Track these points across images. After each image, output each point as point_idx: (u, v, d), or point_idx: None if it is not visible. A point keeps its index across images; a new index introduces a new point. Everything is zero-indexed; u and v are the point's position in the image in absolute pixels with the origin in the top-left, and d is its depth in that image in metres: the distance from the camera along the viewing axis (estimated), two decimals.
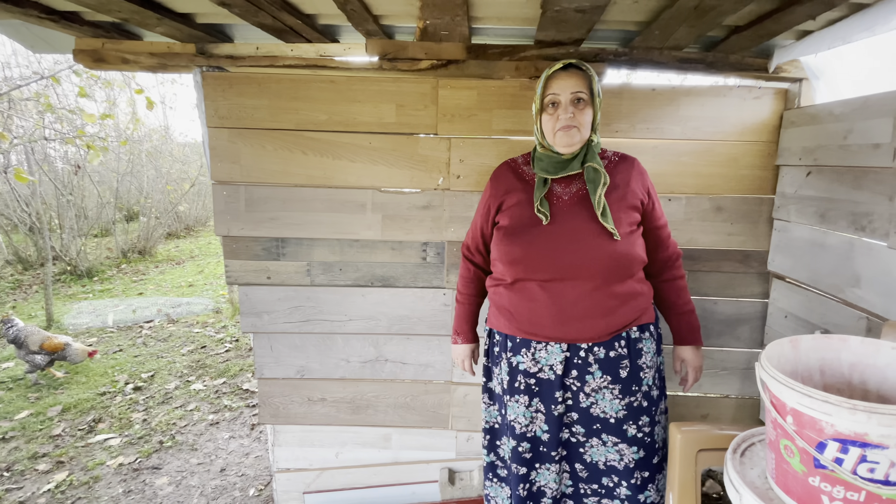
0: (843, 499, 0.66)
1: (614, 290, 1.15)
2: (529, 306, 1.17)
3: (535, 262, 1.15)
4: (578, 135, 1.14)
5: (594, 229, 1.13)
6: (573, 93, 1.12)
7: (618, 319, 1.16)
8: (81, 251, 6.39)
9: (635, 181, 1.22)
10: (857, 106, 1.27)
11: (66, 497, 2.03)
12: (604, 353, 1.17)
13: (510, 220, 1.21)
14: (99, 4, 1.20)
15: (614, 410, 1.19)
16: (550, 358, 1.18)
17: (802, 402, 0.66)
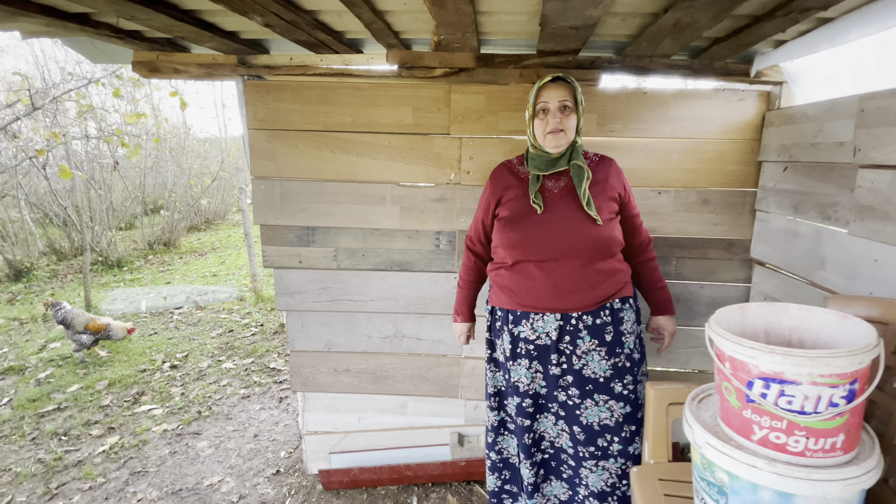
0: (769, 427, 0.84)
1: (599, 267, 1.35)
2: (528, 283, 1.37)
3: (531, 245, 1.35)
4: (565, 137, 1.34)
5: (581, 216, 1.34)
6: (560, 101, 1.33)
7: (602, 292, 1.36)
8: (112, 243, 6.74)
9: (613, 177, 1.42)
10: (825, 108, 1.42)
11: (119, 456, 2.29)
12: (591, 321, 1.36)
13: (509, 211, 1.41)
14: (164, 27, 1.42)
15: (602, 370, 1.38)
16: (547, 326, 1.38)
17: (735, 349, 0.84)
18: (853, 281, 1.30)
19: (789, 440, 0.81)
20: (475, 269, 1.60)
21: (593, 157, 1.47)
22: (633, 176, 1.78)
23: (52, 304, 3.36)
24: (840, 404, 0.78)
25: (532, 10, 1.28)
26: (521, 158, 1.50)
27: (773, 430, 0.82)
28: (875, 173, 1.22)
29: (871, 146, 1.23)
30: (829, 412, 0.78)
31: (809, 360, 0.76)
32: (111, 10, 1.31)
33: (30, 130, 4.39)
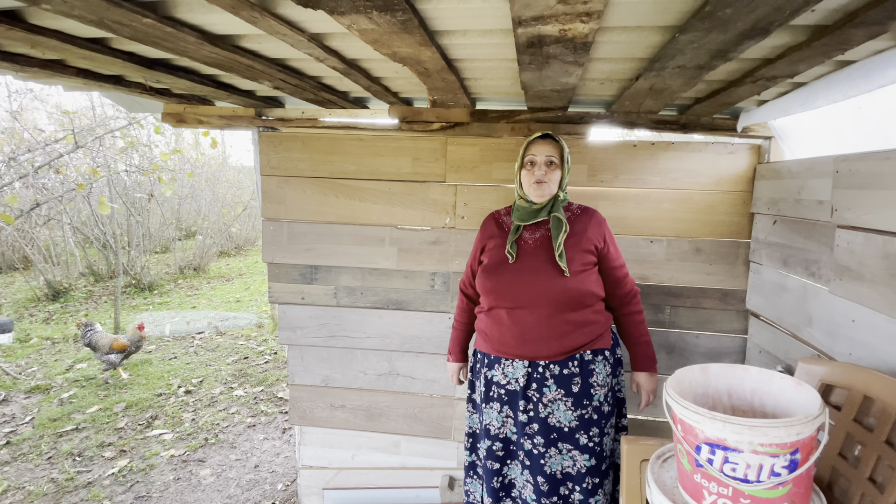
0: (717, 493, 0.85)
1: (567, 318, 1.37)
2: (499, 329, 1.42)
3: (502, 293, 1.41)
4: (548, 188, 1.43)
5: (550, 267, 1.39)
6: (547, 156, 1.43)
7: (570, 342, 1.38)
8: (145, 267, 7.11)
9: (592, 229, 1.46)
10: (807, 166, 1.45)
11: (126, 480, 2.38)
12: (558, 370, 1.39)
13: (488, 259, 1.49)
14: (187, 88, 1.59)
15: (567, 420, 1.38)
16: (515, 372, 1.41)
17: (683, 412, 0.86)
18: (835, 340, 1.29)
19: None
20: (467, 311, 1.65)
21: (576, 209, 1.52)
22: (624, 225, 1.82)
23: (84, 325, 3.58)
24: (782, 474, 0.79)
25: (513, 78, 1.38)
26: (509, 209, 1.58)
27: (720, 497, 0.83)
28: (850, 234, 1.23)
29: (845, 206, 1.25)
30: (772, 481, 0.79)
31: (748, 428, 0.78)
32: (139, 75, 1.49)
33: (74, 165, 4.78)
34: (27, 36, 1.05)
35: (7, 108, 5.88)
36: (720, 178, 1.78)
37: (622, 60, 1.18)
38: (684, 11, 0.86)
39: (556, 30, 0.88)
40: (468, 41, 1.07)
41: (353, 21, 0.88)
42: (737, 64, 1.16)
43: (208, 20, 1.01)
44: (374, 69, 1.38)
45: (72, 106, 8.44)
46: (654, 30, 0.97)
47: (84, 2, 0.82)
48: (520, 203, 1.48)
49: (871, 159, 1.17)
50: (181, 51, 1.13)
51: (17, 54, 1.31)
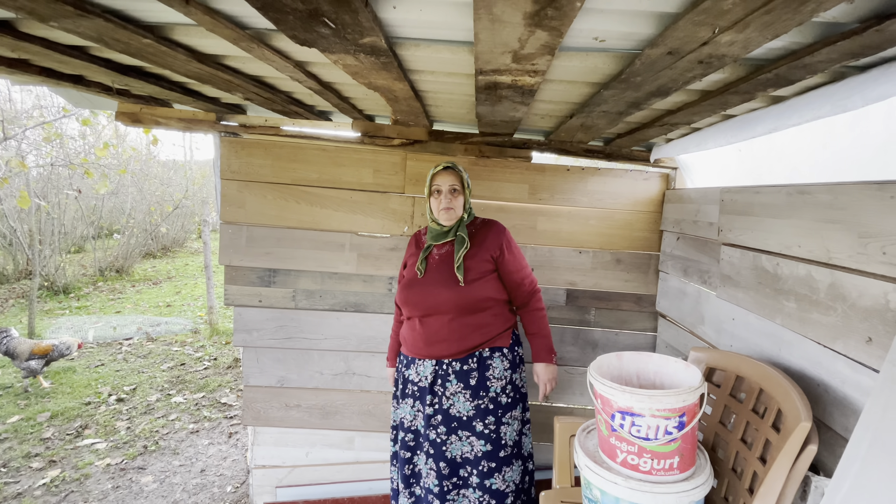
0: (627, 451, 1.08)
1: (465, 322, 1.57)
2: (413, 334, 1.62)
3: (413, 304, 1.61)
4: (454, 213, 1.62)
5: (450, 280, 1.57)
6: (450, 185, 1.61)
7: (469, 342, 1.57)
8: (60, 268, 6.51)
9: (490, 240, 1.64)
10: (701, 193, 1.78)
11: (60, 490, 2.27)
12: (459, 367, 1.57)
13: (405, 275, 1.69)
14: (154, 92, 1.62)
15: (466, 410, 1.56)
16: (425, 370, 1.60)
17: (602, 388, 1.09)
18: (720, 335, 1.61)
19: (640, 461, 1.05)
20: (400, 322, 1.80)
21: (479, 223, 1.70)
22: (557, 237, 2.08)
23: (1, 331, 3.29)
24: (673, 432, 1.03)
25: (469, 108, 1.58)
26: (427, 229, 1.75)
27: (629, 454, 1.07)
28: (731, 250, 1.55)
29: (728, 228, 1.57)
30: (666, 438, 1.03)
31: (648, 397, 1.02)
32: (107, 78, 1.51)
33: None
34: (14, 42, 1.08)
35: None
36: (637, 200, 2.09)
37: (559, 102, 1.42)
38: (607, 74, 1.10)
39: (509, 79, 1.09)
40: (435, 79, 1.25)
41: (341, 58, 1.03)
42: (647, 112, 1.44)
43: (200, 43, 1.11)
44: (346, 90, 1.52)
45: None
46: (584, 84, 1.21)
47: (92, 23, 0.91)
48: (432, 226, 1.67)
49: (746, 192, 1.50)
50: (167, 64, 1.21)
51: None
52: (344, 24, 0.82)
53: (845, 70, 1.03)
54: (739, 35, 0.78)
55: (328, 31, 0.86)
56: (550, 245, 2.09)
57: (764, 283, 1.36)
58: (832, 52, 0.87)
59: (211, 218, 5.54)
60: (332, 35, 0.88)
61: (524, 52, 0.90)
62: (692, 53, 0.89)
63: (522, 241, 2.08)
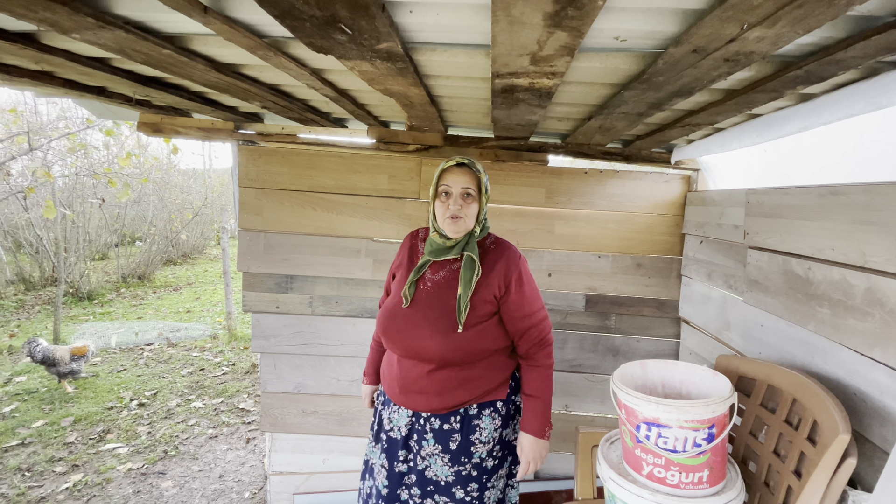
0: (653, 463, 1.04)
1: (451, 374, 1.26)
2: (390, 372, 1.35)
3: (391, 339, 1.30)
4: (464, 224, 1.28)
5: (442, 319, 1.24)
6: (463, 188, 1.28)
7: (451, 399, 1.27)
8: (84, 275, 6.69)
9: (496, 273, 1.29)
10: (726, 195, 1.73)
11: (82, 494, 2.31)
12: (438, 425, 1.29)
13: (390, 295, 1.38)
14: (174, 102, 1.65)
15: (444, 475, 1.29)
16: (400, 420, 1.33)
17: (626, 398, 1.05)
18: (748, 341, 1.55)
19: (668, 474, 1.01)
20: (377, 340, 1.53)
21: (490, 244, 1.37)
22: (575, 242, 2.05)
23: (29, 342, 3.39)
24: (702, 444, 0.99)
25: (485, 112, 1.57)
26: (427, 232, 1.44)
27: (655, 466, 1.03)
28: (758, 254, 1.50)
29: (755, 231, 1.52)
30: (694, 451, 0.99)
31: (675, 408, 0.98)
32: (128, 89, 1.54)
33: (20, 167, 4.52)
34: (37, 54, 1.10)
35: None
36: (657, 202, 2.05)
37: (577, 105, 1.40)
38: (627, 75, 1.07)
39: (526, 82, 1.07)
40: (451, 83, 1.24)
41: (357, 65, 1.03)
42: (668, 112, 1.41)
43: (218, 52, 1.12)
44: (361, 97, 1.52)
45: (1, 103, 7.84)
46: (604, 85, 1.18)
47: (113, 34, 0.92)
48: (433, 237, 1.33)
49: (774, 193, 1.45)
50: (186, 74, 1.22)
51: (10, 66, 1.34)
52: (360, 30, 0.82)
53: (879, 66, 0.99)
54: (769, 31, 0.74)
55: (344, 37, 0.85)
56: (568, 249, 2.05)
57: (795, 287, 1.30)
58: (867, 46, 0.83)
59: (229, 225, 5.63)
60: (349, 41, 0.88)
61: (542, 53, 0.88)
62: (718, 51, 0.86)
63: (540, 245, 2.05)
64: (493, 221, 2.03)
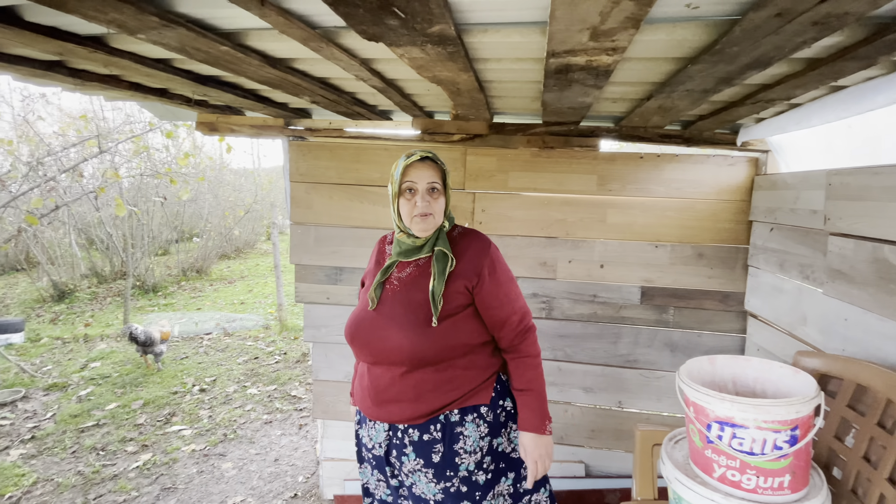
0: (726, 465, 0.97)
1: (426, 376, 1.15)
2: (361, 384, 1.24)
3: (360, 346, 1.20)
4: (433, 221, 1.19)
5: (411, 316, 1.15)
6: (429, 182, 1.18)
7: (428, 404, 1.15)
8: (149, 269, 7.17)
9: (467, 263, 1.20)
10: (801, 178, 1.58)
11: (151, 473, 2.48)
12: (418, 436, 1.16)
13: (358, 301, 1.30)
14: (229, 101, 1.70)
15: (432, 493, 1.17)
16: (378, 436, 1.21)
17: (696, 395, 0.98)
18: (829, 337, 1.41)
19: (743, 478, 0.94)
20: None
21: (457, 234, 1.28)
22: (629, 231, 1.95)
23: (128, 328, 3.77)
24: (783, 447, 0.91)
25: (534, 96, 1.51)
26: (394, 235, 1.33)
27: (729, 469, 0.95)
28: (842, 241, 1.36)
29: (837, 216, 1.38)
30: (774, 454, 0.91)
31: (753, 407, 0.90)
32: (188, 89, 1.60)
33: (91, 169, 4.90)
34: (106, 57, 1.16)
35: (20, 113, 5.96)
36: (721, 188, 1.91)
37: (636, 83, 1.31)
38: (695, 47, 0.99)
39: (583, 60, 1.01)
40: (501, 66, 1.19)
41: (407, 51, 1.01)
42: (738, 88, 1.29)
43: (272, 47, 1.13)
44: (408, 87, 1.50)
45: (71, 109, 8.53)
46: (667, 60, 1.10)
47: (176, 33, 0.94)
48: (400, 237, 1.24)
49: (861, 174, 1.31)
50: (241, 71, 1.25)
51: (81, 70, 1.43)
52: (413, 13, 0.79)
53: None
54: None
55: (397, 22, 0.83)
56: (622, 239, 1.96)
57: (887, 277, 1.17)
58: None
59: (279, 220, 5.85)
60: (401, 26, 0.86)
61: (604, 27, 0.82)
62: (806, 14, 0.77)
63: (591, 235, 1.97)
64: (539, 211, 1.97)
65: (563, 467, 2.11)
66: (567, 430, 2.08)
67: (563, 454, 2.11)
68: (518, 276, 2.02)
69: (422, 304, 1.16)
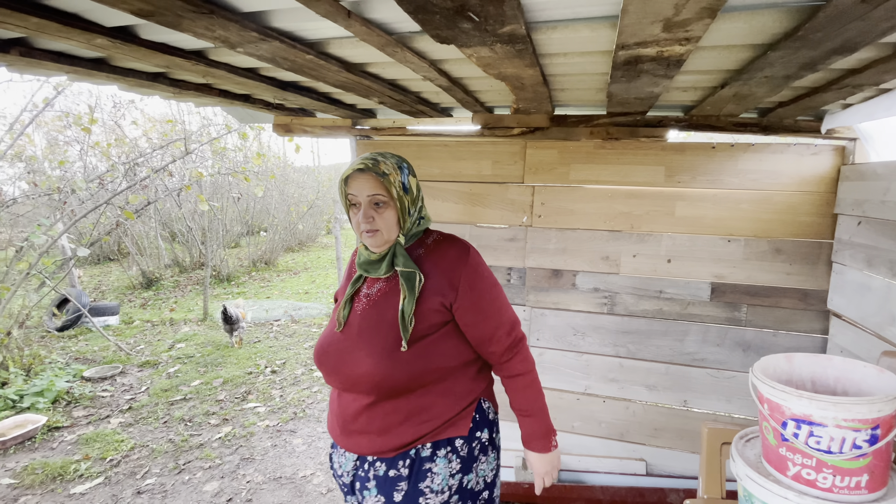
0: (801, 464, 0.94)
1: (395, 406, 1.03)
2: (331, 409, 1.14)
3: (326, 370, 1.09)
4: (382, 237, 1.07)
5: (379, 340, 1.03)
6: (369, 195, 1.06)
7: (396, 438, 1.03)
8: (223, 260, 7.78)
9: (441, 274, 1.07)
10: (893, 168, 1.46)
11: (232, 444, 2.73)
12: (383, 471, 1.05)
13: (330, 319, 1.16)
14: (305, 104, 1.84)
15: None
16: (346, 464, 1.11)
17: (771, 392, 0.96)
18: None
19: (818, 477, 0.91)
20: None
21: (432, 242, 1.14)
22: (700, 224, 1.88)
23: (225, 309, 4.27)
24: (863, 447, 0.87)
25: (599, 87, 1.50)
26: None
27: (804, 467, 0.93)
28: None
29: None
30: (853, 453, 0.87)
31: (832, 404, 0.87)
32: (269, 94, 1.75)
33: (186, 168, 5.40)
34: (206, 69, 1.30)
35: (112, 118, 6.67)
36: (802, 178, 1.79)
37: (709, 72, 1.28)
38: (775, 34, 0.96)
39: (654, 51, 1.01)
40: (567, 61, 1.21)
41: (476, 51, 1.05)
42: (823, 73, 1.22)
43: (349, 53, 1.22)
44: (472, 84, 1.55)
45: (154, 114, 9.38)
46: (744, 47, 1.06)
47: (270, 45, 1.05)
48: (360, 249, 1.14)
49: None
50: (320, 76, 1.35)
51: (180, 80, 1.60)
52: (487, 16, 0.84)
53: None
54: None
55: (470, 24, 0.88)
56: (691, 233, 1.90)
57: None
58: None
59: (341, 215, 6.12)
60: (473, 28, 0.90)
61: (678, 18, 0.82)
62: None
63: (657, 228, 1.92)
64: (602, 203, 1.95)
65: (622, 464, 2.09)
66: (628, 427, 2.06)
67: (624, 451, 2.09)
68: (578, 269, 2.02)
69: (392, 324, 1.03)
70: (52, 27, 0.93)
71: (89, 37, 1.00)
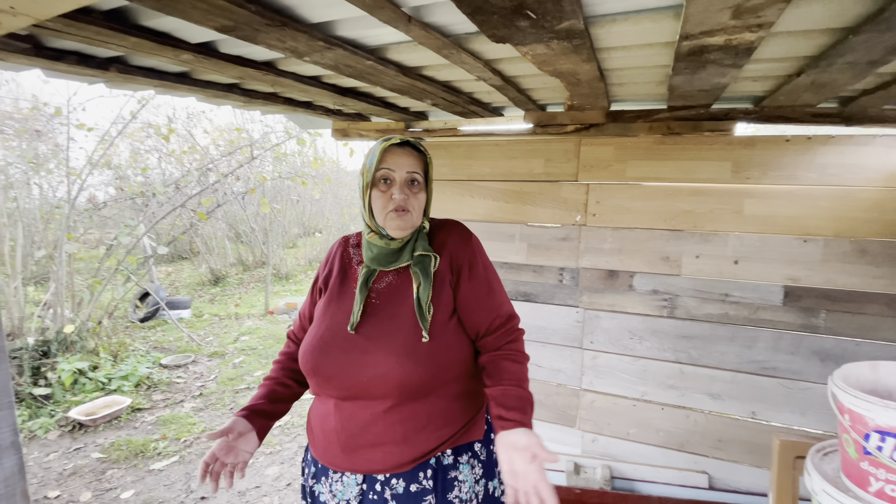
0: (885, 479, 0.85)
1: (415, 410, 0.93)
2: (323, 426, 0.97)
3: (325, 377, 0.95)
4: (412, 219, 0.99)
5: (398, 336, 0.94)
6: (409, 172, 0.99)
7: (418, 447, 0.93)
8: (282, 259, 8.21)
9: (447, 256, 1.02)
10: None
11: (291, 432, 2.88)
12: (403, 487, 0.93)
13: (316, 317, 1.03)
14: (362, 109, 1.91)
15: None
16: (346, 492, 0.95)
17: (853, 402, 0.88)
18: None
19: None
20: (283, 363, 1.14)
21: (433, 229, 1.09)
22: (771, 223, 1.76)
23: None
24: None
25: (659, 80, 1.45)
26: (360, 237, 1.11)
27: (888, 483, 0.85)
28: None
29: None
30: None
31: None
32: (329, 100, 1.83)
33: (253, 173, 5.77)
34: (274, 78, 1.39)
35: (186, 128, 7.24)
36: (889, 173, 1.63)
37: (782, 59, 1.20)
38: (857, 17, 0.88)
39: (721, 40, 0.96)
40: (626, 54, 1.18)
41: (531, 49, 1.05)
42: None
43: (406, 57, 1.26)
44: (525, 82, 1.55)
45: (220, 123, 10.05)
46: (822, 32, 0.99)
47: (334, 53, 1.11)
48: (372, 239, 1.02)
49: None
50: (378, 81, 1.41)
51: (250, 90, 1.72)
52: (545, 13, 0.84)
53: None
54: None
55: (527, 22, 0.89)
56: (761, 232, 1.78)
57: None
58: None
59: None
60: (530, 26, 0.91)
61: (750, 3, 0.78)
62: None
63: (723, 227, 1.81)
64: (662, 201, 1.87)
65: (682, 475, 1.99)
66: (688, 436, 1.96)
67: (684, 462, 1.99)
68: (636, 270, 1.95)
69: (409, 316, 0.95)
70: (147, 45, 1.04)
71: (177, 52, 1.11)
